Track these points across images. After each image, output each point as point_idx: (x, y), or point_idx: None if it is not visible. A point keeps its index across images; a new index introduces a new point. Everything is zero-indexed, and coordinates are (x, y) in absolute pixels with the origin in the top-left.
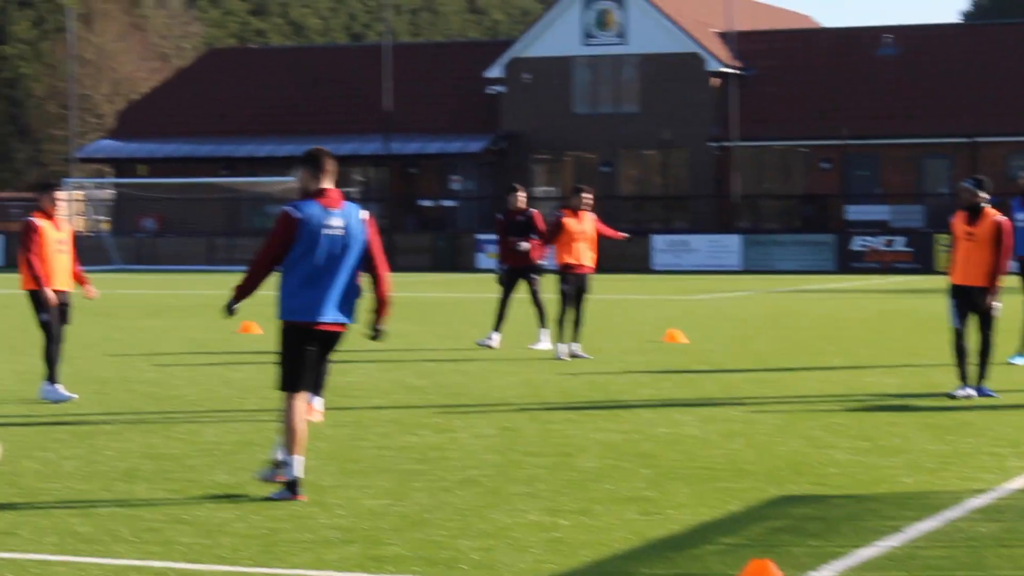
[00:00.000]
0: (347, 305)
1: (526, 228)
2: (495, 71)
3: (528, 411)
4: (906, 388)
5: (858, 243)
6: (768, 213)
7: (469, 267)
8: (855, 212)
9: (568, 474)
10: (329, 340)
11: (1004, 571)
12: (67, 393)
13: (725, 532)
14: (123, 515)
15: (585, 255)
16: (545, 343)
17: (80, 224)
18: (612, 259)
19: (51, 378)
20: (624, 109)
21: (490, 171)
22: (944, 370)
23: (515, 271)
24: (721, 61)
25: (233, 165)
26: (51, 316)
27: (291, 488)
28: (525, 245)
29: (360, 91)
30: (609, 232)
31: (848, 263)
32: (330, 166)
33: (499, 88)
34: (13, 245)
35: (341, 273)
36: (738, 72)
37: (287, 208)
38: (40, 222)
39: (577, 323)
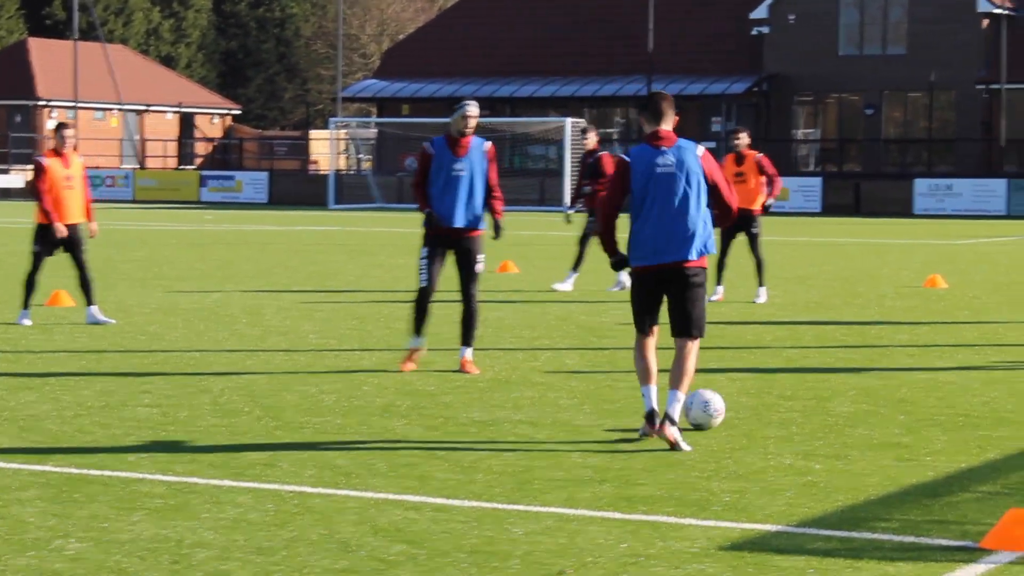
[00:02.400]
0: (690, 240)
1: (593, 172)
2: (760, 11)
3: (784, 354)
4: None
5: None
6: None
7: None
8: None
9: (823, 418)
10: (678, 277)
11: None
12: (104, 318)
13: (982, 480)
14: (380, 450)
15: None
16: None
17: (342, 162)
18: (874, 202)
19: (25, 304)
20: (891, 50)
21: (752, 112)
22: None
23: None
24: (992, 2)
25: (494, 105)
26: (43, 249)
27: (648, 419)
28: (587, 189)
29: (623, 31)
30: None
31: None
32: (666, 108)
33: (763, 28)
34: (278, 183)
35: (679, 210)
36: (1009, 13)
37: (620, 155)
38: (47, 160)
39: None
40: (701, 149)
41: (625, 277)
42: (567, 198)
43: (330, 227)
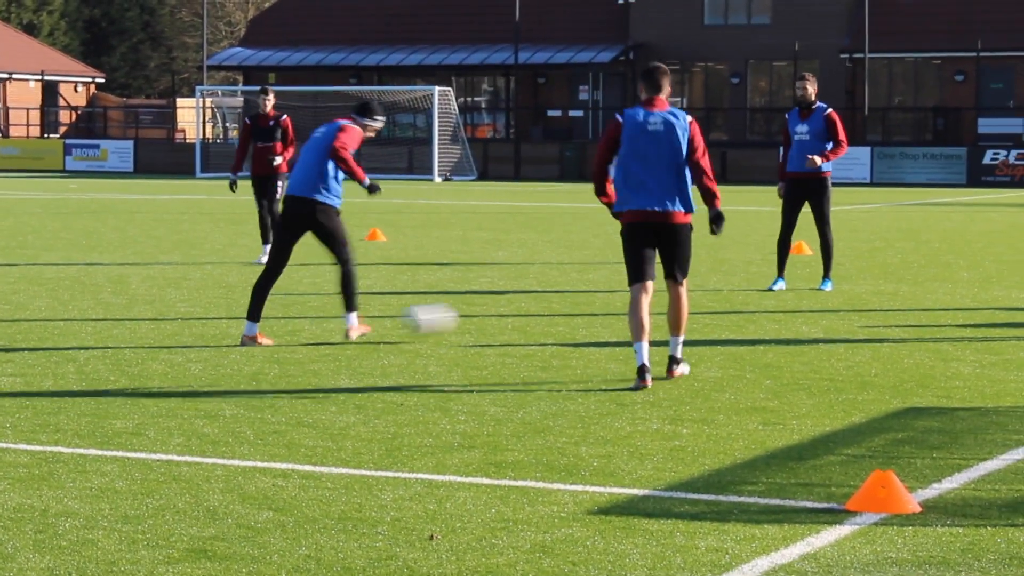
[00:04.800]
0: (673, 194)
1: (272, 135)
2: None
3: (654, 320)
4: None
5: (990, 156)
6: (899, 126)
7: None
8: (987, 125)
9: (690, 383)
10: (665, 229)
11: None
12: None
13: (847, 443)
14: (248, 418)
15: None
16: None
17: (209, 131)
18: (740, 171)
19: None
20: (755, 20)
21: (618, 81)
22: None
23: (257, 179)
24: None
25: (361, 74)
26: None
27: (639, 374)
28: (278, 159)
29: (490, 0)
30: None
31: (979, 177)
32: (661, 80)
33: None
34: (143, 152)
35: (664, 166)
36: None
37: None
38: None
39: None
40: (689, 118)
41: None
42: (436, 166)
43: (197, 196)
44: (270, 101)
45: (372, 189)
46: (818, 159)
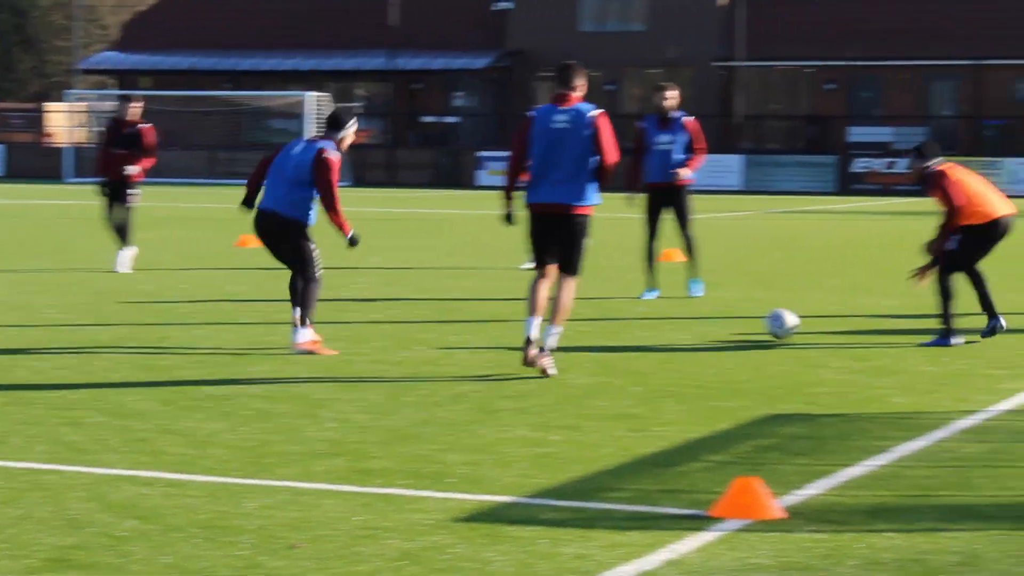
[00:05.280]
0: (575, 188)
1: (129, 142)
2: None
3: (520, 326)
4: (902, 310)
5: (859, 165)
6: (771, 134)
7: (470, 184)
8: (858, 134)
9: (559, 390)
10: (565, 220)
11: (988, 491)
12: None
13: (713, 450)
14: (113, 425)
15: None
16: None
17: (83, 136)
18: (617, 177)
19: None
20: (630, 27)
21: (494, 88)
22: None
23: (111, 184)
24: None
25: (237, 79)
26: None
27: (525, 344)
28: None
29: (366, 6)
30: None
31: (849, 185)
32: (572, 76)
33: (505, 4)
34: (13, 156)
35: (569, 160)
36: None
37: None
38: None
39: None
40: (597, 112)
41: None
42: None
43: (67, 201)
44: (133, 108)
45: (353, 242)
46: (685, 172)
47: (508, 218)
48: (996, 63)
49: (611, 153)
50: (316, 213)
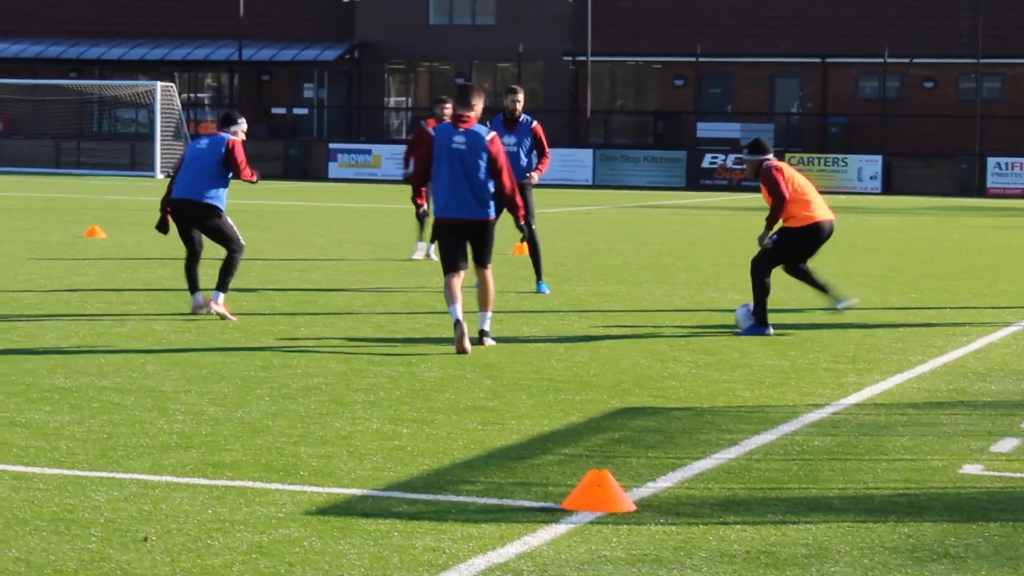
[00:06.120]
0: (478, 203)
1: None
2: None
3: (373, 319)
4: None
5: (708, 160)
6: (620, 129)
7: (321, 176)
8: (706, 130)
9: (411, 383)
10: (476, 228)
11: (836, 484)
12: None
13: (565, 443)
14: None
15: None
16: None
17: None
18: None
19: None
20: (480, 20)
21: (343, 80)
22: (788, 288)
23: None
24: None
25: (82, 68)
26: None
27: (456, 326)
28: None
29: None
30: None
31: (698, 180)
32: (470, 97)
33: None
34: None
35: (468, 179)
36: None
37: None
38: None
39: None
40: (491, 135)
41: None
42: (158, 162)
43: None
44: None
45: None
46: (534, 176)
47: (418, 215)
48: (842, 61)
49: (508, 182)
50: (227, 197)
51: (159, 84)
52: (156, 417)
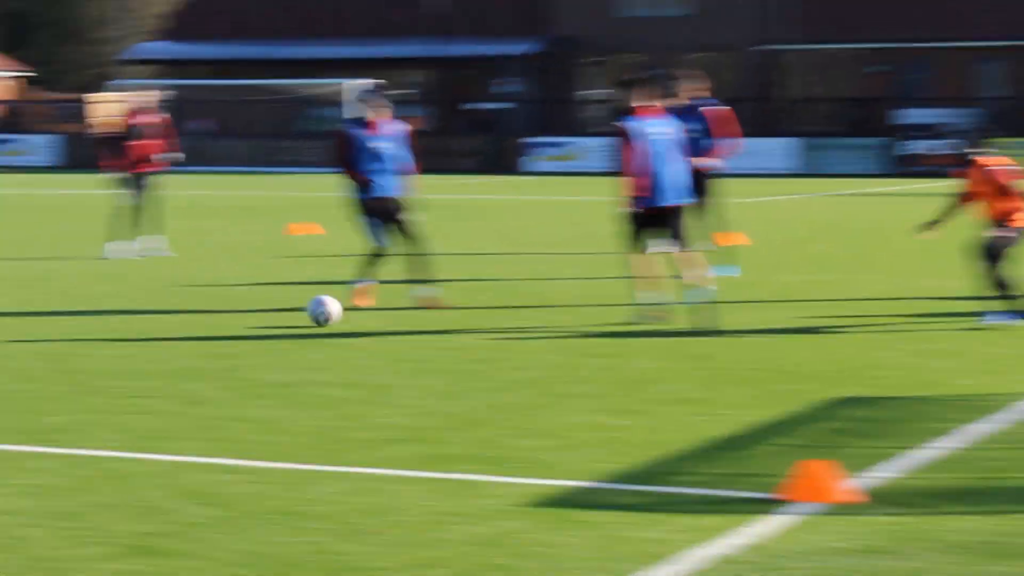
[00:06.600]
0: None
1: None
2: None
3: (585, 312)
4: (965, 292)
5: (910, 147)
6: (818, 117)
7: (515, 169)
8: (907, 116)
9: (624, 375)
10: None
11: None
12: None
13: (778, 433)
14: (184, 412)
15: None
16: None
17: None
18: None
19: None
20: (676, 11)
21: (539, 74)
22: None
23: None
24: None
25: (281, 67)
26: None
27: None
28: None
29: None
30: None
31: (898, 167)
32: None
33: None
34: (73, 145)
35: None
36: None
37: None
38: None
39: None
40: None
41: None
42: None
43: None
44: (146, 99)
45: None
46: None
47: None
48: None
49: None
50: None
51: (348, 82)
52: (372, 411)
